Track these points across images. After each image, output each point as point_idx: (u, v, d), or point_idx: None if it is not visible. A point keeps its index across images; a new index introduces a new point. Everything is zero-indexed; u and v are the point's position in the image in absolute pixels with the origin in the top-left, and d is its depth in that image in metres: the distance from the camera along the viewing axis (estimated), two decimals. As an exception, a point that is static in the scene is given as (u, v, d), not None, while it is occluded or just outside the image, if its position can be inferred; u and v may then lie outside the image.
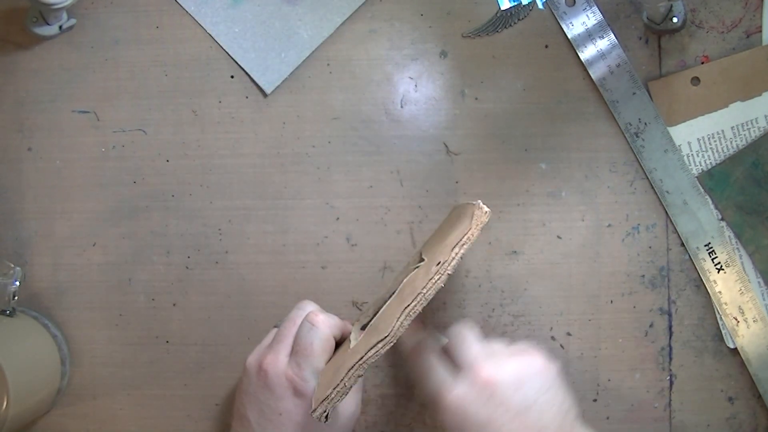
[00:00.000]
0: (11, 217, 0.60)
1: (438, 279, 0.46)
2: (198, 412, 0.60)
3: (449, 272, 0.47)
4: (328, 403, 0.46)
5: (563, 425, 0.47)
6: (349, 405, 0.53)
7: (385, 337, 0.46)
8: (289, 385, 0.51)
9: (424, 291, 0.46)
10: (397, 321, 0.46)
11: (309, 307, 0.55)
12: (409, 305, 0.46)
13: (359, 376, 0.46)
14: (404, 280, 0.50)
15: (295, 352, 0.52)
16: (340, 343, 0.53)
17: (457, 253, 0.47)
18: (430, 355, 0.50)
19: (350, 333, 0.54)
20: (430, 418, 0.55)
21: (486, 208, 0.48)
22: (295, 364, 0.51)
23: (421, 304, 0.46)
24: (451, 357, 0.50)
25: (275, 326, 0.56)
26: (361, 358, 0.46)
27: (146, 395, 0.60)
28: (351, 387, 0.46)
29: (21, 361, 0.54)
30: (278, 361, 0.52)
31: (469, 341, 0.49)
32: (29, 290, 0.60)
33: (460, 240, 0.47)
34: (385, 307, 0.50)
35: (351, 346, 0.50)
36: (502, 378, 0.47)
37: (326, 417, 0.46)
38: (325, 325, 0.53)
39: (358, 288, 0.59)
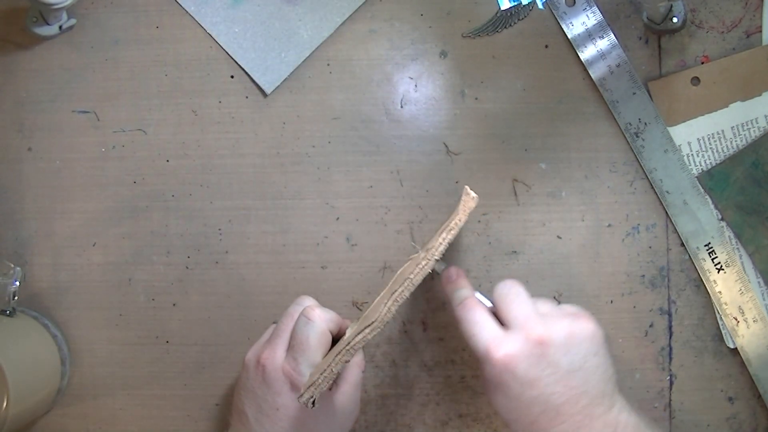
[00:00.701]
0: (11, 217, 0.60)
1: (425, 264, 0.47)
2: (198, 412, 0.60)
3: (437, 257, 0.47)
4: (315, 388, 0.46)
5: (605, 391, 0.47)
6: (348, 404, 0.53)
7: (373, 322, 0.46)
8: (286, 380, 0.51)
9: (411, 276, 0.46)
10: (384, 306, 0.46)
11: (306, 302, 0.55)
12: (396, 291, 0.46)
13: (346, 362, 0.47)
14: (397, 273, 0.51)
15: (291, 346, 0.52)
16: (337, 339, 0.53)
17: (444, 239, 0.47)
18: (479, 310, 0.50)
19: (346, 327, 0.54)
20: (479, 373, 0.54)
21: (473, 194, 0.48)
22: (292, 358, 0.51)
23: (408, 289, 0.47)
24: (500, 314, 0.49)
25: (274, 323, 0.56)
26: (349, 342, 0.46)
27: (146, 395, 0.60)
28: (337, 372, 0.47)
29: (21, 361, 0.54)
30: (275, 356, 0.52)
31: (520, 299, 0.49)
32: (29, 290, 0.60)
33: (448, 225, 0.47)
34: (378, 297, 0.50)
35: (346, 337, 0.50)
36: (554, 338, 0.47)
37: (313, 402, 0.47)
38: (321, 319, 0.52)
39: (358, 288, 0.59)
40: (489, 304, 0.51)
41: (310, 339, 0.52)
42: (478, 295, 0.51)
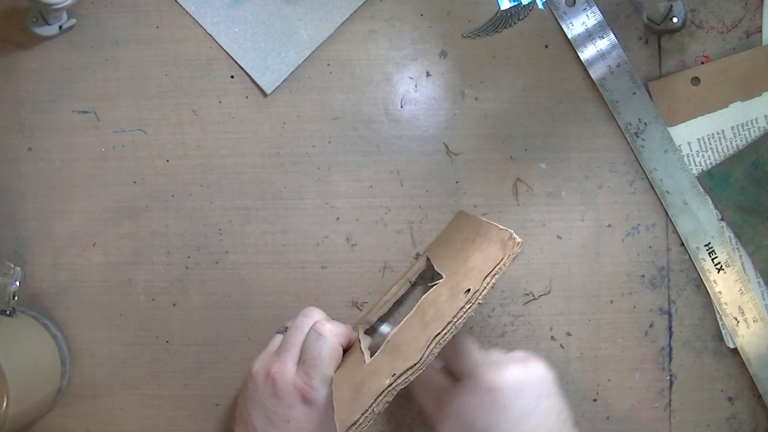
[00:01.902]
0: (11, 217, 0.60)
1: (469, 308, 0.45)
2: (198, 412, 0.60)
3: (480, 302, 0.46)
4: (356, 428, 0.45)
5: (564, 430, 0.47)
6: None
7: (415, 364, 0.45)
8: (298, 394, 0.51)
9: (455, 320, 0.45)
10: (427, 349, 0.45)
11: (315, 314, 0.55)
12: (439, 333, 0.45)
13: (387, 402, 0.45)
14: (422, 299, 0.49)
15: (303, 361, 0.52)
16: (346, 349, 0.53)
17: (488, 283, 0.46)
18: (428, 369, 0.49)
19: (356, 339, 0.54)
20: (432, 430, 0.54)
21: (519, 239, 0.47)
22: (304, 373, 0.51)
23: (452, 332, 0.45)
24: (450, 368, 0.50)
25: (278, 332, 0.55)
26: (390, 384, 0.45)
27: (146, 395, 0.60)
28: (379, 413, 0.45)
29: (21, 361, 0.54)
30: (286, 370, 0.52)
31: (469, 350, 0.49)
32: (29, 290, 0.60)
33: (492, 270, 0.46)
34: (404, 324, 0.49)
35: (364, 357, 0.50)
36: (503, 383, 0.46)
37: None
38: (332, 334, 0.52)
39: (358, 288, 0.59)
40: (441, 364, 0.51)
41: (322, 354, 0.52)
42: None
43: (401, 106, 0.59)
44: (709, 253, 0.57)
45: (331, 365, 0.52)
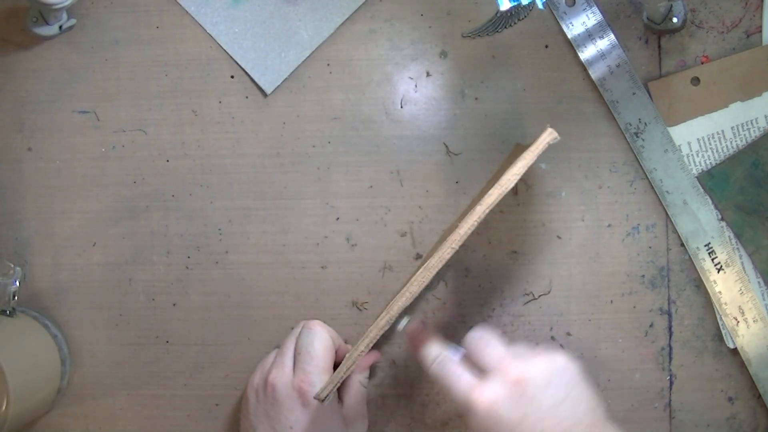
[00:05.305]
0: (11, 217, 0.60)
1: (498, 195, 0.46)
2: (198, 412, 0.60)
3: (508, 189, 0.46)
4: (326, 392, 0.47)
5: (594, 421, 0.46)
6: (356, 417, 0.55)
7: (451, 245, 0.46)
8: (298, 396, 0.51)
9: (480, 212, 0.46)
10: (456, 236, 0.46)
11: (308, 323, 0.56)
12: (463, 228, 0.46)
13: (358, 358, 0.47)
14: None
15: (298, 360, 0.52)
16: (337, 364, 0.54)
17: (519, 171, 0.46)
18: (452, 364, 0.49)
19: (347, 351, 0.54)
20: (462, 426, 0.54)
21: (553, 132, 0.47)
22: (301, 370, 0.52)
23: (476, 222, 0.46)
24: (474, 362, 0.49)
25: (276, 347, 0.56)
26: (360, 349, 0.46)
27: (146, 395, 0.60)
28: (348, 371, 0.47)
29: (21, 361, 0.54)
30: (284, 373, 0.52)
31: (493, 344, 0.49)
32: (29, 290, 0.60)
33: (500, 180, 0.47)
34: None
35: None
36: (531, 375, 0.46)
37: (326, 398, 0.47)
38: (321, 327, 0.53)
39: (358, 288, 0.59)
40: (461, 354, 0.50)
41: (314, 344, 0.52)
42: (449, 348, 0.51)
43: (401, 106, 0.59)
44: (709, 253, 0.57)
45: (325, 356, 0.52)
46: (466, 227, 0.46)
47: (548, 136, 0.47)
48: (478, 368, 0.48)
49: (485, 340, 0.49)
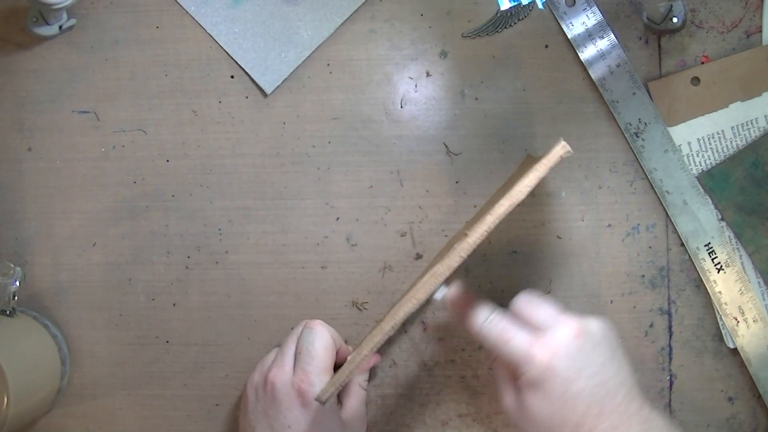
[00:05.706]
0: (11, 217, 0.60)
1: (509, 206, 0.47)
2: (198, 412, 0.60)
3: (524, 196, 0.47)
4: (327, 393, 0.46)
5: (633, 385, 0.48)
6: (355, 419, 0.54)
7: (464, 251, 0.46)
8: (297, 395, 0.51)
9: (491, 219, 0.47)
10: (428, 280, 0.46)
11: (309, 322, 0.55)
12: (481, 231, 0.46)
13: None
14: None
15: (298, 359, 0.52)
16: (338, 365, 0.54)
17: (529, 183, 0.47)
18: (505, 322, 0.49)
19: (347, 352, 0.54)
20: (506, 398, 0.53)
21: (568, 147, 0.47)
22: (301, 370, 0.51)
23: (490, 229, 0.47)
24: (527, 321, 0.49)
25: (277, 346, 0.56)
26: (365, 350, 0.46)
27: (146, 395, 0.60)
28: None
29: (21, 361, 0.54)
30: (284, 372, 0.52)
31: (545, 304, 0.50)
32: (29, 290, 0.60)
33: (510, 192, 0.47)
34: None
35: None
36: (590, 330, 0.48)
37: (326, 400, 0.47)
38: (322, 326, 0.53)
39: (358, 288, 0.59)
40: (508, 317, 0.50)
41: (315, 344, 0.52)
42: (498, 311, 0.51)
43: (401, 106, 0.59)
44: (709, 253, 0.57)
45: (326, 356, 0.52)
46: (475, 237, 0.47)
47: (561, 149, 0.47)
48: (533, 326, 0.49)
49: (536, 301, 0.50)
